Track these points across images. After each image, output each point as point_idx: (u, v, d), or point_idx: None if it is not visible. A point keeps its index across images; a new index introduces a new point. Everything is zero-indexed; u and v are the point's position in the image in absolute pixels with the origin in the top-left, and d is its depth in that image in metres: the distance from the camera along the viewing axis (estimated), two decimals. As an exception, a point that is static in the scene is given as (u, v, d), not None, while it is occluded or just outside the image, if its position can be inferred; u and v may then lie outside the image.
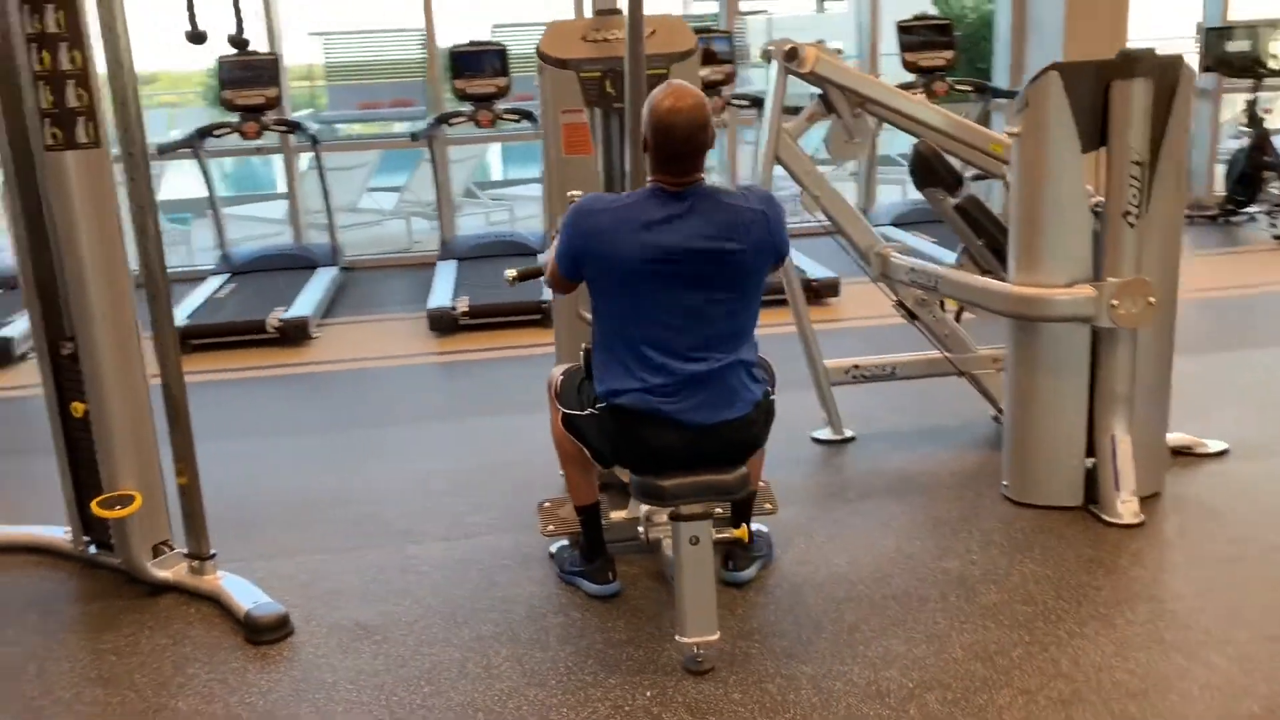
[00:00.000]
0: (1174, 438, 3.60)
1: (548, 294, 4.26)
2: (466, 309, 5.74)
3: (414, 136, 6.72)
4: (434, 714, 2.46)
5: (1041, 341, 3.25)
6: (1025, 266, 3.22)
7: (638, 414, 2.44)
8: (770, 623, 2.78)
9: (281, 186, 7.85)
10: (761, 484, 3.30)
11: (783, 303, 3.88)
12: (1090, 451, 3.28)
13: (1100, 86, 3.03)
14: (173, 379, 2.96)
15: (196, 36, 2.93)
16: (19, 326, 5.41)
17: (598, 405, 2.52)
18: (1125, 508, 3.19)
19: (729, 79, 6.74)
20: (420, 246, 8.09)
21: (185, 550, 3.09)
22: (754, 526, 3.17)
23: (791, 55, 3.60)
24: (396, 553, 3.25)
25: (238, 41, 2.91)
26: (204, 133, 6.59)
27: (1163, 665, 2.52)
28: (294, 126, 6.77)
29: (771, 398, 2.65)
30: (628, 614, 2.84)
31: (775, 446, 3.80)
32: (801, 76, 3.65)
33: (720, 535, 2.53)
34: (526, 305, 5.67)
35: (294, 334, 5.68)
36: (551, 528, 3.13)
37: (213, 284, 6.62)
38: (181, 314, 5.89)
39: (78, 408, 3.04)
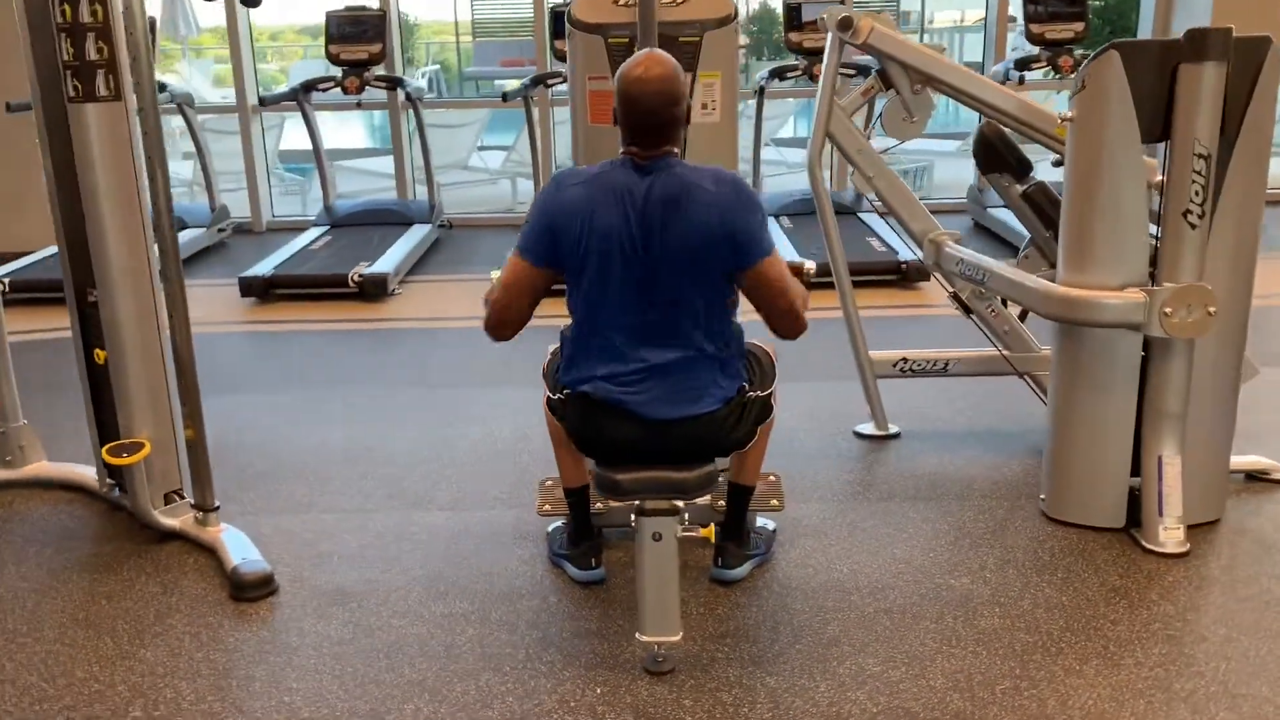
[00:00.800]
0: (1245, 460, 3.27)
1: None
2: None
3: (504, 97, 6.69)
4: (381, 689, 2.43)
5: (1087, 348, 2.97)
6: (1074, 265, 2.94)
7: (598, 403, 2.34)
8: (747, 627, 2.65)
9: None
10: (771, 478, 3.16)
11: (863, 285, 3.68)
12: (1136, 470, 3.00)
13: (1166, 70, 2.72)
14: (180, 333, 3.01)
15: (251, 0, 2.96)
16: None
17: (563, 391, 2.42)
18: (1168, 535, 2.91)
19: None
20: (523, 207, 8.11)
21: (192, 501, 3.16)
22: (760, 522, 3.04)
23: (845, 25, 3.37)
24: (401, 519, 3.25)
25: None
26: (307, 87, 6.73)
27: (1161, 718, 2.28)
28: (395, 83, 6.82)
29: (756, 394, 2.50)
30: (604, 604, 2.76)
31: (812, 438, 3.71)
32: (857, 47, 3.42)
33: (686, 533, 2.40)
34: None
35: (373, 290, 5.76)
36: (548, 507, 3.06)
37: (309, 235, 6.79)
38: (270, 264, 6.05)
39: (100, 355, 3.13)
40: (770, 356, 2.69)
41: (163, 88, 6.34)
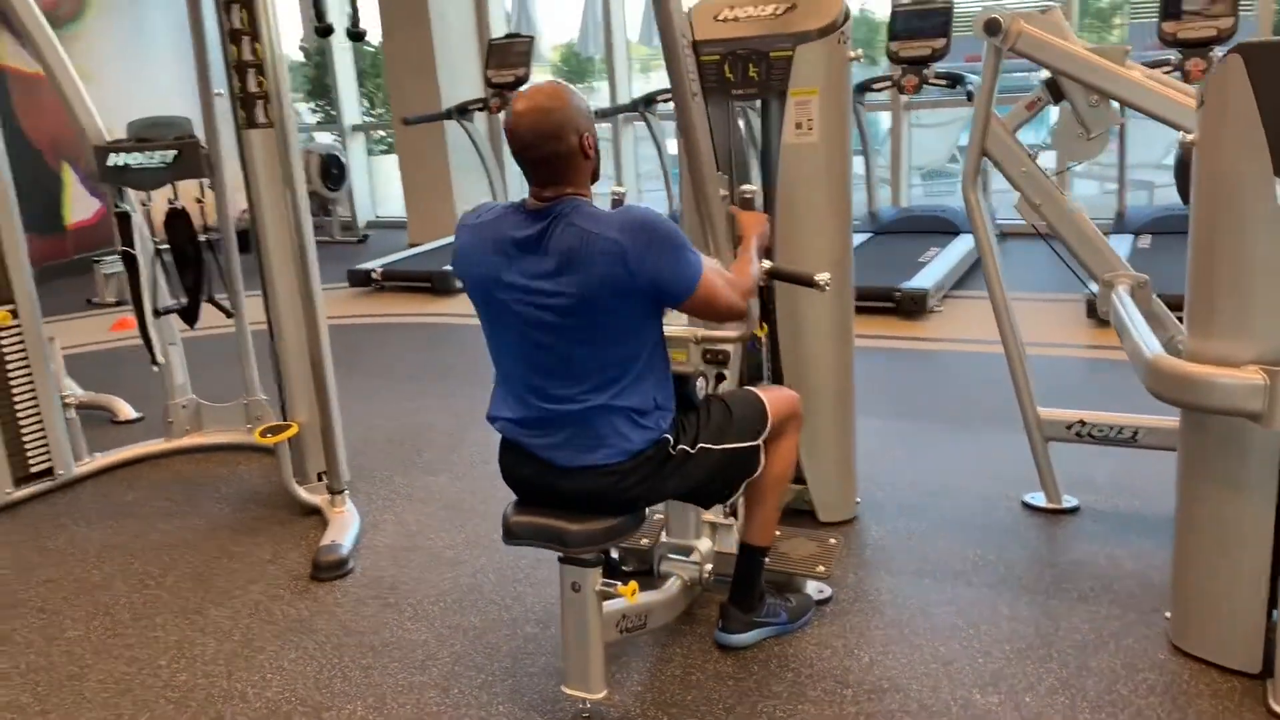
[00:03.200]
0: None
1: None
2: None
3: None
4: (351, 686, 2.58)
5: (1212, 432, 2.31)
6: (1198, 331, 2.29)
7: (506, 442, 2.27)
8: (707, 701, 2.42)
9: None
10: (831, 541, 2.85)
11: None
12: (1275, 603, 2.28)
13: (1304, 77, 2.02)
14: (310, 333, 3.37)
15: (324, 30, 3.23)
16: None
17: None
18: (1298, 699, 2.18)
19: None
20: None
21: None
22: (811, 587, 2.76)
23: (992, 28, 2.88)
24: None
25: (355, 34, 3.14)
26: (861, 88, 6.67)
27: None
28: (955, 80, 6.25)
29: (708, 447, 2.27)
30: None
31: (970, 501, 3.27)
32: (1010, 54, 2.91)
33: (605, 589, 2.25)
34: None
35: (912, 306, 5.49)
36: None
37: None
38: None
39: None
40: (761, 404, 2.41)
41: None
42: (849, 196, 3.04)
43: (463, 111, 7.47)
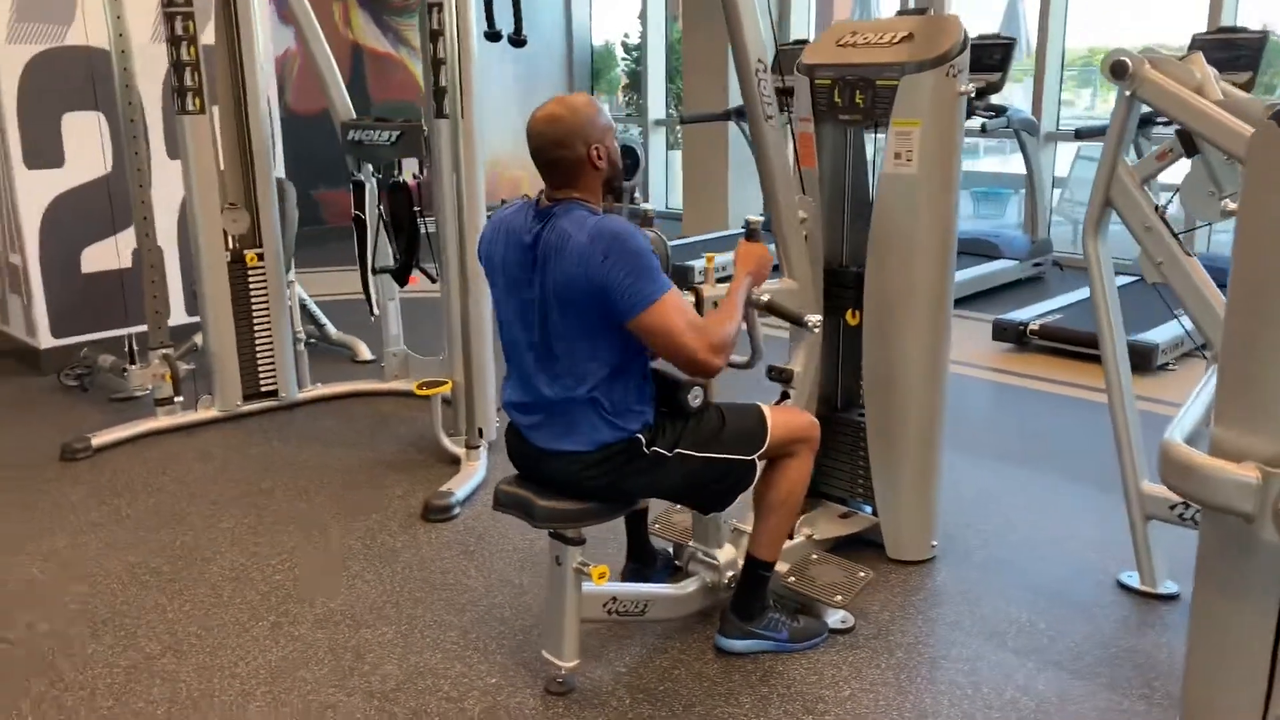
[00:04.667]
0: None
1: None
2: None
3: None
4: (396, 613, 2.95)
5: (1219, 535, 2.10)
6: (1223, 417, 2.08)
7: (511, 422, 2.50)
8: (666, 695, 2.53)
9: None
10: (860, 573, 2.85)
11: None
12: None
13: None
14: (455, 303, 3.77)
15: (493, 35, 3.53)
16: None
17: None
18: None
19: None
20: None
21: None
22: (834, 618, 2.78)
23: (1118, 70, 2.70)
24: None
25: (517, 41, 3.41)
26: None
27: None
28: (999, 111, 6.36)
29: (659, 450, 2.38)
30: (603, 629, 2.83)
31: (1058, 570, 3.18)
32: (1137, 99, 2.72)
33: (579, 567, 2.43)
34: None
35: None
36: (658, 526, 3.16)
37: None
38: (1034, 311, 5.75)
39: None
40: (761, 420, 2.48)
41: (1002, 111, 6.15)
42: (950, 230, 2.97)
43: (740, 114, 7.69)
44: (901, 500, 3.14)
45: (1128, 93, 2.70)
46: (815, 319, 2.51)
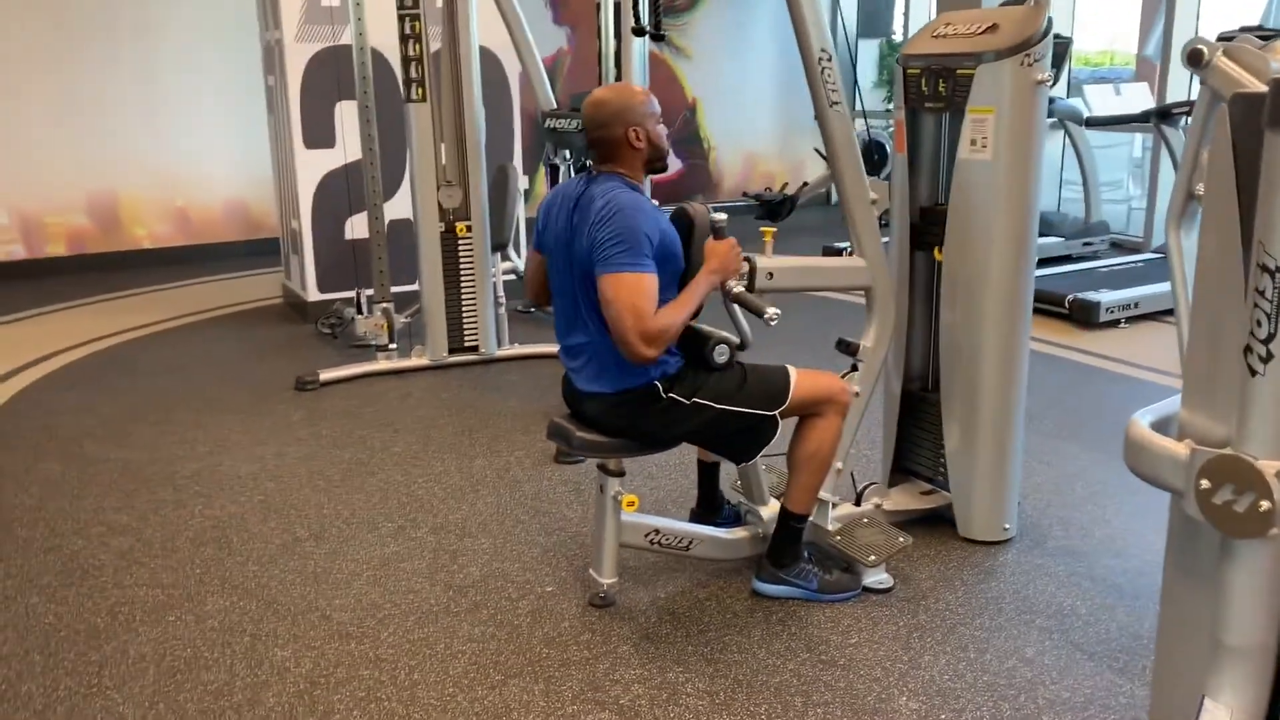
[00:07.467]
0: None
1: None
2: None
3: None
4: (478, 528, 3.42)
5: (1179, 519, 2.11)
6: (1191, 400, 2.11)
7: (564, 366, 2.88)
8: (689, 619, 2.82)
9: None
10: (900, 539, 3.00)
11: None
12: (1209, 714, 2.05)
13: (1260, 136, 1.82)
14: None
15: (639, 30, 3.84)
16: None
17: None
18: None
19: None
20: None
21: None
22: (873, 578, 2.97)
23: (1194, 59, 2.65)
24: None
25: (639, 30, 3.70)
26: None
27: None
28: None
29: (676, 398, 2.63)
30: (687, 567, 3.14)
31: (1134, 559, 3.28)
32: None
33: (617, 495, 2.77)
34: None
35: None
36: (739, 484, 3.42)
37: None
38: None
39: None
40: (785, 379, 2.70)
41: (1050, 102, 6.75)
42: (1029, 217, 3.03)
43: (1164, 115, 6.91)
44: (974, 481, 3.22)
45: (1202, 83, 2.67)
46: (773, 311, 2.62)
